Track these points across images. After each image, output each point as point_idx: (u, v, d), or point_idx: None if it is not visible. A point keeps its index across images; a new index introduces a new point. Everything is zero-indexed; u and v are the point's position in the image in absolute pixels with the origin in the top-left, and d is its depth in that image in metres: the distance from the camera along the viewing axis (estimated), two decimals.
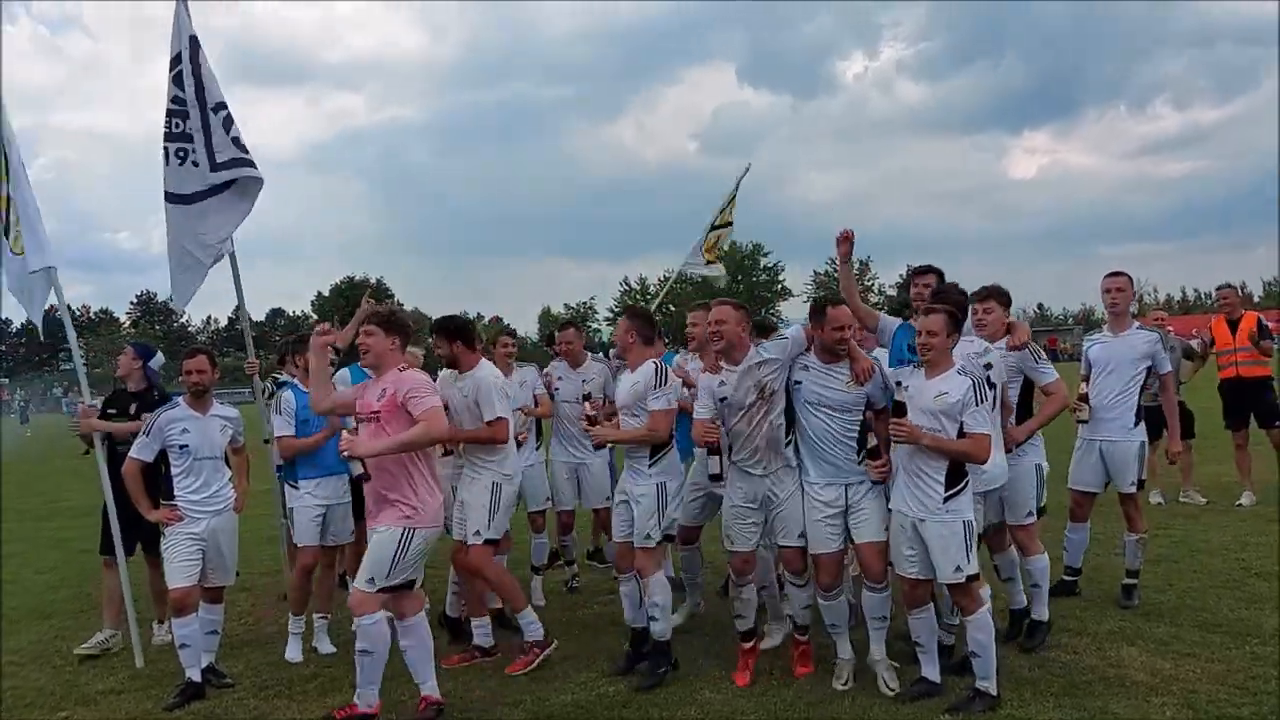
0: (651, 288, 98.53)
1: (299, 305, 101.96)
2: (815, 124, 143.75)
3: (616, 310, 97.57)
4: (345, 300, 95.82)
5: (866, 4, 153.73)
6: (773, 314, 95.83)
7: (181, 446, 5.66)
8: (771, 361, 5.12)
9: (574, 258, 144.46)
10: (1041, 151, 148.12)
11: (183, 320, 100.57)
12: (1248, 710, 4.55)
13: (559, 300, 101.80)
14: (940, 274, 6.01)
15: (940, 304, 4.93)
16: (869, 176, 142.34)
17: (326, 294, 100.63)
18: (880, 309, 6.42)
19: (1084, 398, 6.37)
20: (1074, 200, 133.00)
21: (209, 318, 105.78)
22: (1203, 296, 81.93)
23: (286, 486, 6.57)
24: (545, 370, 7.59)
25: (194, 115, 6.73)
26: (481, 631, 6.07)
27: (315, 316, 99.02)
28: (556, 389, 7.35)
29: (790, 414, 5.19)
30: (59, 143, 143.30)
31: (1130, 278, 6.61)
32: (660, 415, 5.42)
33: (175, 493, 5.68)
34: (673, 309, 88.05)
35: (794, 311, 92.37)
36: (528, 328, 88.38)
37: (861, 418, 5.07)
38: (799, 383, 5.11)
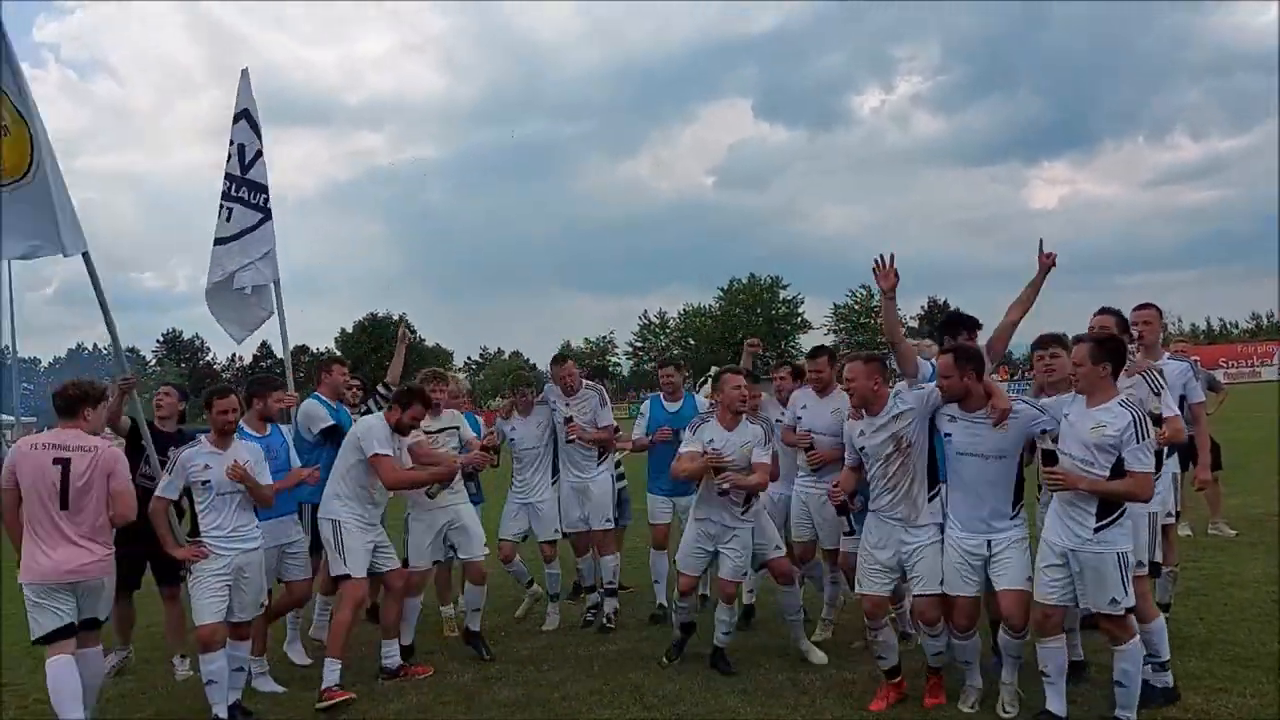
0: (671, 321, 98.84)
1: (323, 341, 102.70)
2: (832, 157, 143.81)
3: (636, 344, 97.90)
4: (369, 337, 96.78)
5: (881, 39, 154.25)
6: (792, 346, 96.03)
7: (204, 483, 5.71)
8: (908, 413, 5.23)
9: (592, 292, 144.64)
10: (1061, 182, 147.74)
11: (209, 359, 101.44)
12: None
13: (578, 335, 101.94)
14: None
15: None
16: (887, 208, 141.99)
17: (350, 330, 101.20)
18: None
19: None
20: (1093, 230, 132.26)
21: (234, 355, 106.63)
22: (1227, 326, 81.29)
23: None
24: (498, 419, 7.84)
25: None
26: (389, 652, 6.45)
27: (340, 353, 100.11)
28: (561, 417, 7.59)
29: (933, 470, 5.29)
30: (85, 185, 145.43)
31: (1159, 310, 6.47)
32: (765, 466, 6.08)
33: (201, 529, 5.73)
34: (692, 343, 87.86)
35: (813, 344, 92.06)
36: (546, 363, 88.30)
37: (1018, 462, 5.07)
38: (949, 435, 5.15)
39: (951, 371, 5.03)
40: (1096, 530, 4.68)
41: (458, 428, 7.21)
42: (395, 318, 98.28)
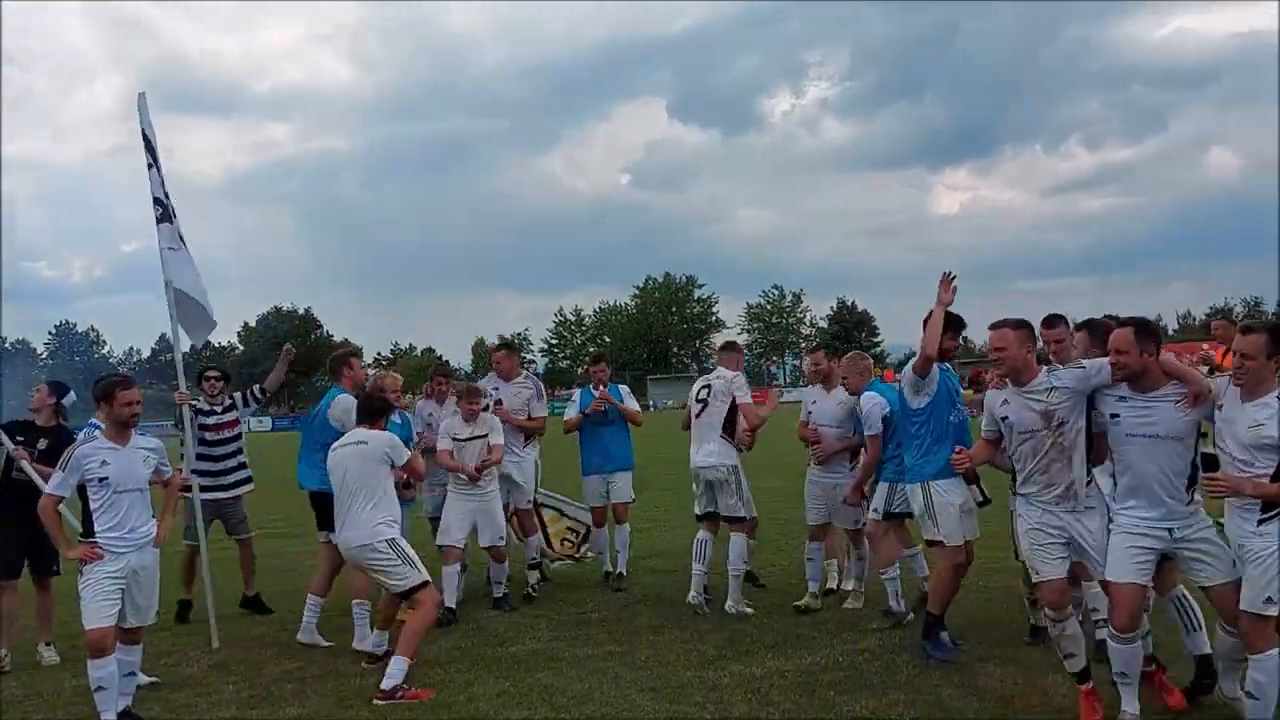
0: (587, 319, 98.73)
1: (225, 336, 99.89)
2: (745, 160, 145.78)
3: (552, 341, 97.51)
4: (272, 331, 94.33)
5: (793, 44, 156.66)
6: (706, 345, 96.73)
7: (101, 479, 5.45)
8: (1062, 390, 4.82)
9: (508, 290, 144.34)
10: (964, 188, 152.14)
11: (104, 352, 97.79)
12: None
13: (493, 332, 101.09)
14: (1066, 323, 6.11)
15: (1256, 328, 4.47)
16: (799, 211, 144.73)
17: (253, 324, 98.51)
18: (813, 340, 6.66)
19: None
20: (995, 235, 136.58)
21: (131, 348, 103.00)
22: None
23: None
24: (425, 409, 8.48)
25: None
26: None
27: (242, 348, 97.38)
28: (494, 398, 8.28)
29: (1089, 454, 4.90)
30: None
31: (1066, 323, 6.41)
32: None
33: (95, 529, 5.48)
34: (608, 340, 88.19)
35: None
36: (461, 359, 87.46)
37: (1194, 447, 4.67)
38: (1116, 415, 4.71)
39: (1130, 347, 4.56)
40: (1261, 523, 4.32)
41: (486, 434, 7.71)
42: (301, 311, 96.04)
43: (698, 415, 7.62)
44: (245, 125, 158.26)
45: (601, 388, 8.71)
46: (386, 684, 5.67)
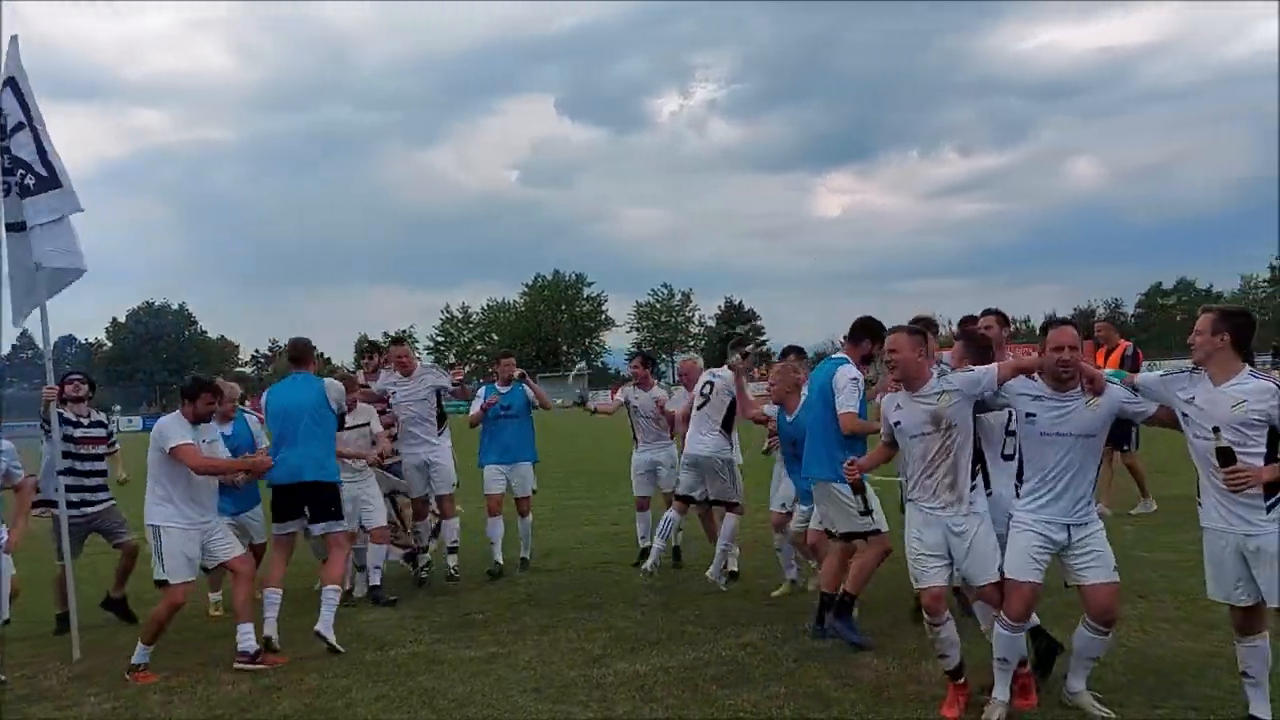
0: (474, 316, 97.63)
1: (92, 333, 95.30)
2: (634, 159, 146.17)
3: (438, 338, 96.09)
4: (144, 328, 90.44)
5: (680, 46, 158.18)
6: (596, 344, 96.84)
7: None
8: (953, 393, 4.90)
9: (393, 286, 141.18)
10: (845, 191, 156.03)
11: None
12: None
13: (377, 329, 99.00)
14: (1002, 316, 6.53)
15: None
16: (687, 211, 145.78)
17: (122, 320, 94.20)
18: (700, 340, 6.79)
19: None
20: (876, 238, 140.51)
21: None
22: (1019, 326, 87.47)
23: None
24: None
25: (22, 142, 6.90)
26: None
27: (110, 344, 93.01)
28: (394, 395, 8.58)
29: (979, 456, 5.00)
30: None
31: (1002, 314, 6.62)
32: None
33: None
34: (495, 338, 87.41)
35: (616, 341, 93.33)
36: (344, 356, 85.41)
37: (1101, 445, 4.78)
38: (1032, 415, 4.77)
39: (1078, 344, 4.69)
40: (1270, 508, 4.28)
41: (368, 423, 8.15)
42: (175, 307, 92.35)
43: (699, 407, 8.01)
44: (117, 112, 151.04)
45: (514, 377, 9.16)
46: (136, 659, 6.14)
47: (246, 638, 6.31)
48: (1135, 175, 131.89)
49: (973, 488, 4.94)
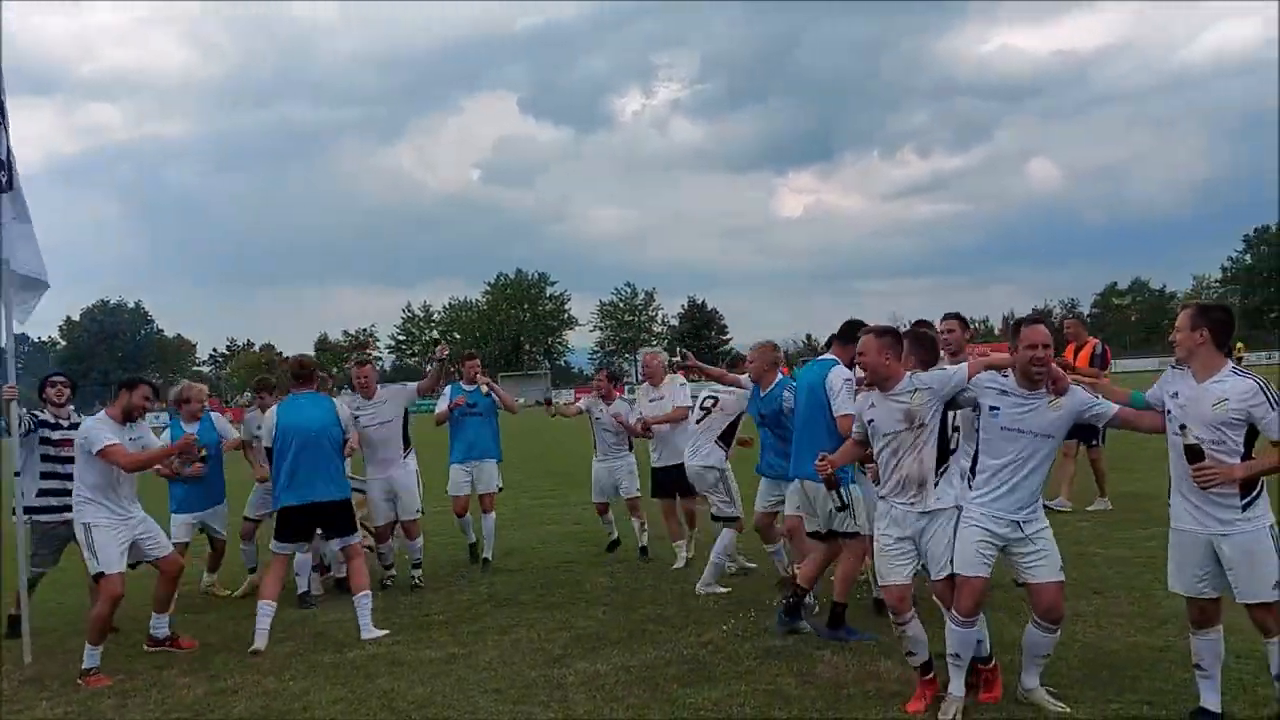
0: (436, 315, 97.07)
1: (46, 331, 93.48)
2: (597, 158, 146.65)
3: (400, 337, 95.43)
4: (99, 326, 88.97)
5: (643, 46, 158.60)
6: (559, 343, 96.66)
7: None
8: (925, 391, 4.96)
9: (354, 285, 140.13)
10: (807, 191, 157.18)
11: None
12: None
13: (337, 328, 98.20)
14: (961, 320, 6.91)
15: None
16: (651, 210, 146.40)
17: (77, 319, 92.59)
18: (664, 339, 6.82)
19: None
20: (836, 237, 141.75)
21: None
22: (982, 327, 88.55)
23: None
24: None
25: None
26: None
27: (64, 343, 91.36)
28: (358, 420, 8.07)
29: (944, 451, 5.03)
30: None
31: (962, 319, 7.07)
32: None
33: None
34: (457, 336, 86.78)
35: (580, 340, 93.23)
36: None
37: (1057, 448, 4.86)
38: (996, 409, 4.83)
39: (1050, 342, 4.74)
40: (1245, 506, 4.32)
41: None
42: (131, 305, 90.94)
43: (698, 420, 8.11)
44: (71, 107, 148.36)
45: (478, 379, 9.24)
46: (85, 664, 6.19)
47: (160, 628, 6.83)
48: (1091, 177, 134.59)
49: (937, 483, 4.99)
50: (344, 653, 6.54)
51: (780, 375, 7.35)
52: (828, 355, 6.59)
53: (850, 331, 6.41)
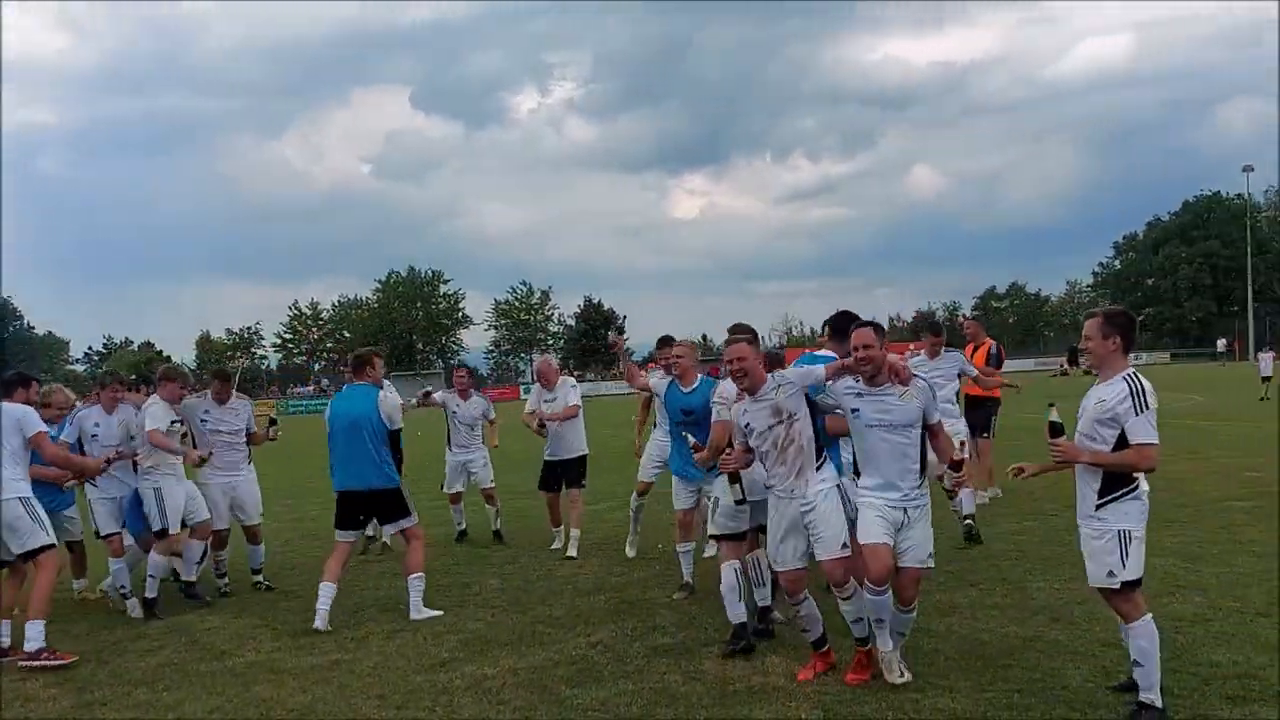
0: (325, 313, 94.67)
1: None
2: (490, 155, 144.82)
3: (285, 335, 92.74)
4: None
5: (537, 44, 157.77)
6: (453, 342, 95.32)
7: None
8: (787, 386, 5.36)
9: (237, 280, 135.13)
10: (700, 193, 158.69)
11: None
12: None
13: (220, 325, 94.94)
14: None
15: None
16: (546, 208, 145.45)
17: None
18: (559, 339, 6.75)
19: None
20: (731, 239, 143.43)
21: None
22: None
23: None
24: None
25: None
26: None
27: None
28: (205, 421, 8.28)
29: (820, 434, 5.39)
30: None
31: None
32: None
33: None
34: (347, 335, 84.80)
35: (475, 339, 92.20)
36: (184, 353, 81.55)
37: (920, 434, 5.19)
38: (857, 410, 5.20)
39: (874, 342, 5.14)
40: (1099, 506, 4.63)
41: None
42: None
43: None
44: None
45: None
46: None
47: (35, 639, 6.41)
48: (969, 184, 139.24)
49: (819, 466, 5.36)
50: (222, 660, 6.32)
51: (701, 376, 7.23)
52: (824, 350, 6.52)
53: (842, 324, 6.43)
